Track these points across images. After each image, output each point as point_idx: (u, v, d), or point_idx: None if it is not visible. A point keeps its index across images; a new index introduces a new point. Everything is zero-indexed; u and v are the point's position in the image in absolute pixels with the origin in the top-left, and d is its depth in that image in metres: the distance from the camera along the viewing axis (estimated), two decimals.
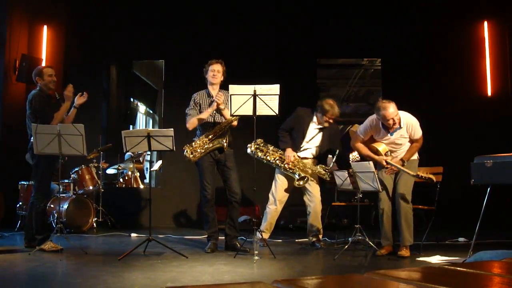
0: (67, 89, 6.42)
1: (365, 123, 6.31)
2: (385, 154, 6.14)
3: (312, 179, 6.69)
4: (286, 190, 6.84)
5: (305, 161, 6.73)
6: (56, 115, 6.35)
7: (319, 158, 6.85)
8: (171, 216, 9.49)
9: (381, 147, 6.19)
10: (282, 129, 6.86)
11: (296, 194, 6.95)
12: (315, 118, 6.79)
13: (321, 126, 6.79)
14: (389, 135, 6.09)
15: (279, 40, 9.78)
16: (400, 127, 6.01)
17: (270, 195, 6.88)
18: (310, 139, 6.78)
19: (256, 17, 9.77)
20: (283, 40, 9.78)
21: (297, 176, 6.61)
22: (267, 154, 6.73)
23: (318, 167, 6.72)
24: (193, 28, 9.80)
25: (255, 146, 6.68)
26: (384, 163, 6.06)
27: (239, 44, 9.59)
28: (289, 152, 6.69)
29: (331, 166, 6.66)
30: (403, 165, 6.01)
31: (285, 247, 6.79)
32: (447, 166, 6.47)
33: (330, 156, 6.90)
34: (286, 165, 6.68)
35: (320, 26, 9.78)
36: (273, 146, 6.78)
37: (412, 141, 6.13)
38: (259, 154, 6.71)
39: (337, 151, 6.62)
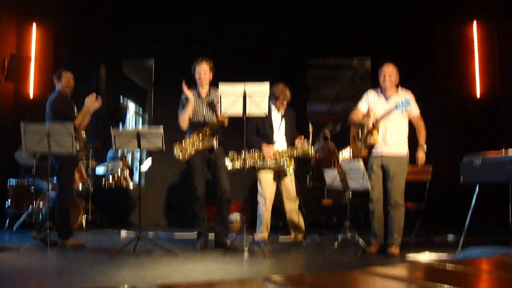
0: (90, 98, 6.55)
1: (367, 93, 6.41)
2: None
3: (288, 174, 6.71)
4: (272, 186, 6.77)
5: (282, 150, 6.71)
6: (76, 122, 6.42)
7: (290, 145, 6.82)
8: (160, 214, 9.48)
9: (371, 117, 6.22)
10: (249, 134, 6.65)
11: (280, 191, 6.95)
12: (273, 107, 6.77)
13: (281, 112, 6.81)
14: (384, 99, 6.14)
15: (269, 40, 9.78)
16: (397, 93, 6.14)
17: (259, 197, 6.77)
18: (279, 128, 6.77)
19: (246, 17, 9.77)
20: (273, 39, 9.78)
21: (286, 164, 6.59)
22: (246, 160, 6.58)
23: (299, 146, 6.66)
24: (183, 26, 9.80)
25: (230, 160, 6.62)
26: (370, 125, 6.06)
27: (229, 44, 9.59)
28: (266, 147, 6.63)
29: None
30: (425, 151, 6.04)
31: (274, 245, 6.78)
32: (437, 165, 6.51)
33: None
34: (269, 161, 6.63)
35: (310, 26, 9.80)
36: (247, 151, 6.59)
37: (411, 120, 6.16)
38: (237, 164, 6.63)
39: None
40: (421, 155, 6.04)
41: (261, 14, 9.85)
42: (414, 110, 6.14)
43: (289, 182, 6.77)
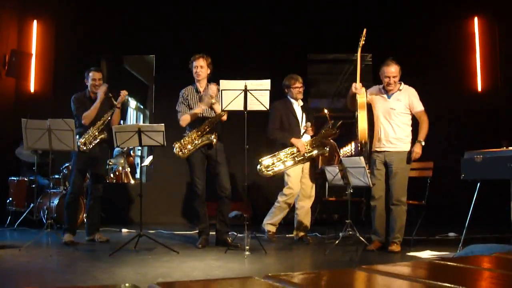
0: (101, 89, 6.66)
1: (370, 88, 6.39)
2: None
3: (306, 176, 6.72)
4: (300, 180, 6.76)
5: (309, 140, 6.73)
6: (84, 115, 6.55)
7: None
8: (162, 212, 9.47)
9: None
10: (273, 129, 6.75)
11: None
12: (292, 100, 6.84)
13: (301, 104, 6.88)
14: (386, 96, 6.14)
15: (270, 35, 9.76)
16: (399, 90, 6.16)
17: (286, 190, 6.70)
18: (301, 120, 6.81)
19: (247, 12, 9.74)
20: (273, 35, 9.76)
21: (324, 151, 6.66)
22: (283, 161, 6.60)
23: (323, 131, 6.68)
24: (183, 23, 9.78)
25: (265, 168, 6.57)
26: (353, 89, 6.18)
27: (229, 39, 9.57)
28: (297, 141, 6.63)
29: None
30: (422, 146, 6.03)
31: (276, 242, 6.78)
32: (438, 161, 6.50)
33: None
34: (305, 155, 6.63)
35: (310, 21, 9.78)
36: (278, 152, 6.65)
37: (414, 115, 6.17)
38: (277, 168, 6.60)
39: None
40: (416, 149, 6.01)
41: (261, 10, 9.82)
42: (417, 106, 6.14)
43: (308, 180, 6.78)
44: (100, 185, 6.88)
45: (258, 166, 6.57)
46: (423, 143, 6.02)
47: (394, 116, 6.09)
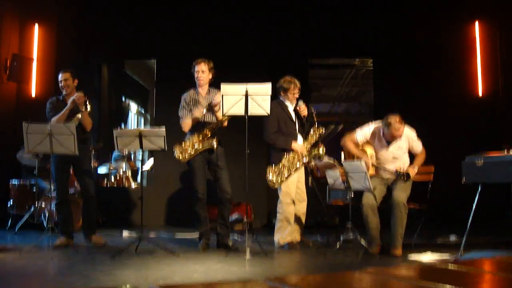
0: (77, 96, 6.53)
1: (368, 127, 6.34)
2: (371, 158, 6.24)
3: (301, 181, 6.71)
4: (295, 184, 6.66)
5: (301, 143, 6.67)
6: (53, 120, 6.51)
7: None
8: (162, 215, 9.48)
9: (369, 151, 6.27)
10: (272, 134, 6.56)
11: None
12: (286, 102, 6.69)
13: (295, 105, 6.71)
14: (386, 144, 6.15)
15: (271, 40, 9.76)
16: (400, 139, 6.13)
17: (284, 197, 6.54)
18: (296, 123, 6.73)
19: (248, 17, 9.75)
20: (274, 40, 9.76)
21: (320, 152, 6.59)
22: (289, 168, 6.49)
23: (312, 131, 6.66)
24: (185, 27, 9.79)
25: (274, 176, 6.46)
26: (370, 165, 6.12)
27: (231, 44, 9.57)
28: (297, 145, 6.54)
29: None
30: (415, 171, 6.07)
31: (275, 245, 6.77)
32: (439, 165, 6.50)
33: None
34: (306, 158, 6.55)
35: (312, 26, 9.78)
36: (283, 159, 6.52)
37: (413, 153, 6.23)
38: (284, 176, 6.48)
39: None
40: (411, 171, 6.05)
41: (262, 14, 9.83)
42: (417, 148, 6.19)
43: (303, 184, 6.76)
44: (88, 185, 6.79)
45: (269, 177, 6.48)
46: (416, 169, 6.08)
47: (395, 159, 6.20)
